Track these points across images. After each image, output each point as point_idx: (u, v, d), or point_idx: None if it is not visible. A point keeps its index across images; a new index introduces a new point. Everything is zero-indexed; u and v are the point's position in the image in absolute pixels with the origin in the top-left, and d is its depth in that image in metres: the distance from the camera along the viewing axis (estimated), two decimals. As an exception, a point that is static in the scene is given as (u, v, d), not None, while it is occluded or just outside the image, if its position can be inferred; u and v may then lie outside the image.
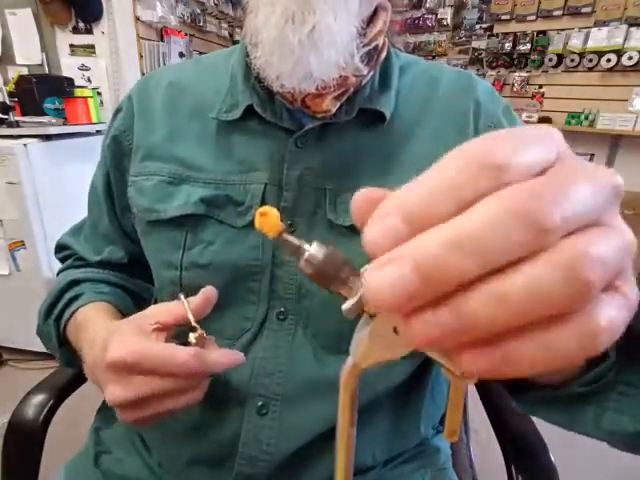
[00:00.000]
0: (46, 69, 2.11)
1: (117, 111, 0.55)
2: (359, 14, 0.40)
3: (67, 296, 0.51)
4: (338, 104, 0.44)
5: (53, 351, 0.54)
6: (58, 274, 0.59)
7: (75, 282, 0.53)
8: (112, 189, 0.54)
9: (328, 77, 0.40)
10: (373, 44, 0.44)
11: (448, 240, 0.13)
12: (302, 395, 0.44)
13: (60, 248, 0.62)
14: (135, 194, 0.49)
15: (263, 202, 0.45)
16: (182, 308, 0.38)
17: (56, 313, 0.50)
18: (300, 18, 0.36)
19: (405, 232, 0.14)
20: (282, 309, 0.45)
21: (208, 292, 0.38)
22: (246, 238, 0.45)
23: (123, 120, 0.52)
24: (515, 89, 3.07)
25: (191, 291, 0.46)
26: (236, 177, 0.46)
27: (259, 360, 0.44)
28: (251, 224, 0.44)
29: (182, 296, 0.38)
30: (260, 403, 0.44)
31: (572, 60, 2.79)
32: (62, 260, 0.61)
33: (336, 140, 0.46)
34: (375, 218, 0.15)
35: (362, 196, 0.17)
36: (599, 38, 2.66)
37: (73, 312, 0.49)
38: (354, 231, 0.44)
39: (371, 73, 0.45)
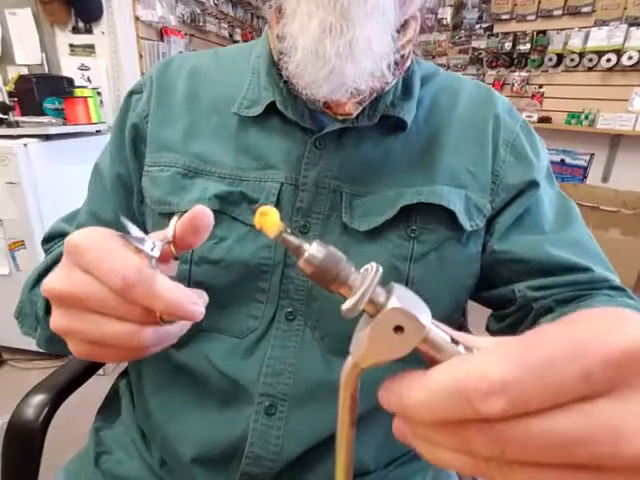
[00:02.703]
0: (46, 69, 2.11)
1: (133, 92, 0.53)
2: (395, 22, 0.39)
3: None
4: (360, 108, 0.44)
5: (32, 326, 0.46)
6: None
7: None
8: (128, 173, 0.51)
9: (361, 86, 0.40)
10: (401, 52, 0.44)
11: None
12: (309, 397, 0.44)
13: (51, 237, 0.56)
14: (149, 184, 0.48)
15: (278, 201, 0.45)
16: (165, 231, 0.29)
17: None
18: (338, 30, 0.36)
19: None
20: (291, 309, 0.45)
21: (198, 210, 0.28)
22: (259, 236, 0.44)
23: (145, 105, 0.50)
24: (515, 89, 3.06)
25: (199, 287, 0.45)
26: (252, 174, 0.46)
27: (267, 360, 0.44)
28: None
29: (176, 216, 0.29)
30: (268, 403, 0.44)
31: (572, 60, 2.78)
32: (48, 252, 0.54)
33: (356, 144, 0.46)
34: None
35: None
36: (599, 38, 2.65)
37: None
38: (368, 236, 0.45)
39: (394, 80, 0.45)
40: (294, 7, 0.38)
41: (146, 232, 0.50)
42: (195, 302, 0.27)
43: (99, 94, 2.14)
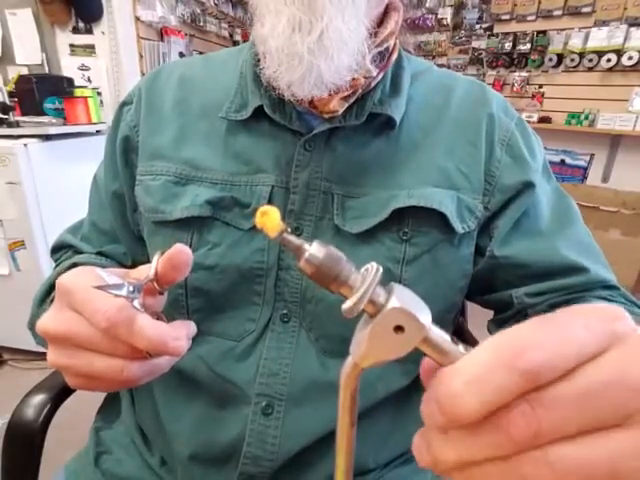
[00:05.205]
0: (46, 69, 2.11)
1: (125, 104, 0.53)
2: (368, 13, 0.39)
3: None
4: (346, 105, 0.43)
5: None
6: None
7: (76, 265, 0.48)
8: (122, 187, 0.52)
9: (340, 82, 0.39)
10: (384, 45, 0.43)
11: None
12: (306, 396, 0.44)
13: (58, 248, 0.58)
14: (142, 193, 0.48)
15: (270, 205, 0.45)
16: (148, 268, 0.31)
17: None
18: (307, 25, 0.35)
19: None
20: (286, 311, 0.45)
21: (176, 248, 0.30)
22: (252, 240, 0.44)
23: (133, 115, 0.51)
24: (515, 89, 3.06)
25: (196, 293, 0.46)
26: (242, 178, 0.46)
27: (263, 361, 0.44)
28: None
29: (157, 255, 0.31)
30: (265, 403, 0.44)
31: (572, 60, 2.78)
32: (58, 262, 0.57)
33: (345, 144, 0.46)
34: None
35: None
36: (599, 38, 2.65)
37: None
38: (360, 239, 0.44)
39: (381, 75, 0.45)
40: (263, 8, 0.38)
41: (142, 241, 0.52)
42: (177, 338, 0.28)
43: (99, 94, 2.14)
